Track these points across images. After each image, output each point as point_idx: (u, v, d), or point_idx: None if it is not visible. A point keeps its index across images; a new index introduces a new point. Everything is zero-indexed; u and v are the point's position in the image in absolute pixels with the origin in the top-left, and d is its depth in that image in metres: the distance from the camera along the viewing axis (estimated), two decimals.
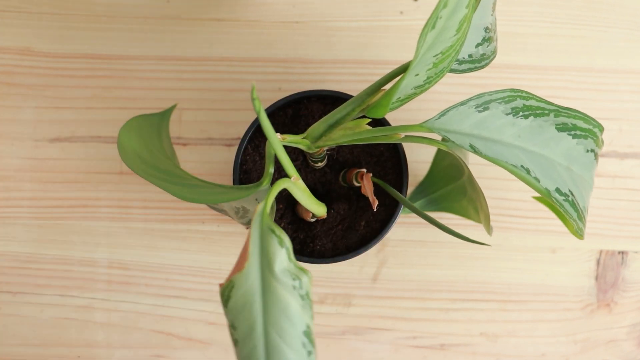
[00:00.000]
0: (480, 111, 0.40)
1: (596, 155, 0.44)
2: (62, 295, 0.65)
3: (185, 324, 0.65)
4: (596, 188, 0.65)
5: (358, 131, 0.44)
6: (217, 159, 0.66)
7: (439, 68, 0.39)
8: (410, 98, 0.41)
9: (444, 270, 0.66)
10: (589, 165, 0.43)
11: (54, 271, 0.65)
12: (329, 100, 0.55)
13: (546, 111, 0.42)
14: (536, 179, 0.40)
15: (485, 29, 0.47)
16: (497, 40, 0.50)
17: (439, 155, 0.60)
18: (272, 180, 0.47)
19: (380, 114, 0.41)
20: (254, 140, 0.55)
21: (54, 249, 0.66)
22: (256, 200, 0.44)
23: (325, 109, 0.55)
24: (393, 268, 0.66)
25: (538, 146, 0.41)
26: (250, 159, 0.55)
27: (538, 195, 0.59)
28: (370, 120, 0.45)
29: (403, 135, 0.42)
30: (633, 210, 0.66)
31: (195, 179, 0.43)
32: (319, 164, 0.54)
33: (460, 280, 0.65)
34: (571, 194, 0.41)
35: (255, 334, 0.37)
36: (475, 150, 0.40)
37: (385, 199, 0.55)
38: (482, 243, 0.39)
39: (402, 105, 0.41)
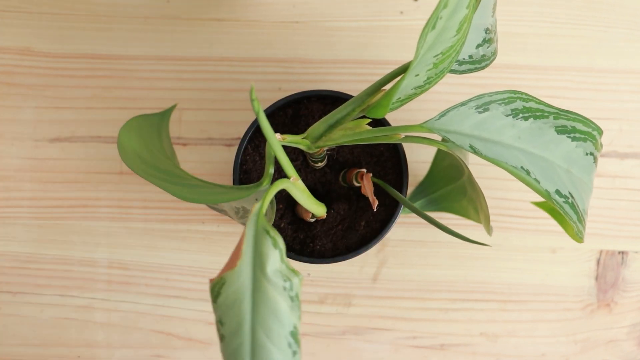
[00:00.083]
0: (480, 112, 0.40)
1: (595, 159, 0.44)
2: (62, 295, 0.65)
3: (185, 324, 0.65)
4: (596, 188, 0.65)
5: (358, 131, 0.44)
6: (217, 159, 0.66)
7: (439, 68, 0.39)
8: (410, 98, 0.41)
9: (443, 270, 0.66)
10: (589, 168, 0.43)
11: (54, 271, 0.65)
12: (329, 100, 0.55)
13: (546, 113, 0.42)
14: (536, 180, 0.40)
15: (486, 30, 0.47)
16: (498, 41, 0.50)
17: (439, 156, 0.60)
18: (272, 180, 0.47)
19: (381, 114, 0.41)
20: (254, 140, 0.55)
21: (54, 249, 0.66)
22: (256, 200, 0.44)
23: (325, 109, 0.55)
24: (393, 268, 0.66)
25: (538, 148, 0.41)
26: (250, 159, 0.55)
27: (537, 200, 0.59)
28: (370, 120, 0.45)
29: (403, 136, 0.42)
30: (633, 210, 0.66)
31: (195, 179, 0.43)
32: (319, 164, 0.54)
33: (460, 280, 0.65)
34: (571, 196, 0.41)
35: (243, 331, 0.38)
36: (476, 151, 0.40)
37: (385, 199, 0.55)
38: (482, 243, 0.39)
39: (402, 105, 0.41)
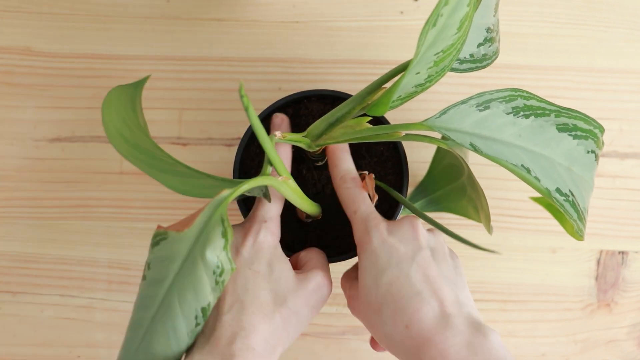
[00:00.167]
0: (481, 110, 0.40)
1: (597, 157, 0.44)
2: (62, 295, 0.65)
3: None
4: (597, 188, 0.65)
5: (359, 129, 0.44)
6: (217, 159, 0.66)
7: (440, 66, 0.39)
8: (410, 96, 0.41)
9: None
10: (590, 166, 0.43)
11: (54, 271, 0.65)
12: (328, 99, 0.55)
13: (547, 111, 0.42)
14: (537, 178, 0.40)
15: (488, 29, 0.47)
16: (500, 41, 0.50)
17: (438, 155, 0.60)
18: None
19: (381, 112, 0.40)
20: (254, 140, 0.55)
21: (54, 249, 0.65)
22: (248, 193, 0.44)
23: (325, 108, 0.55)
24: None
25: (539, 146, 0.41)
26: (250, 159, 0.55)
27: (536, 196, 0.59)
28: (370, 118, 0.45)
29: (404, 134, 0.42)
30: (633, 210, 0.66)
31: (179, 164, 0.44)
32: (319, 163, 0.54)
33: None
34: (571, 194, 0.41)
35: (161, 286, 0.40)
36: (476, 149, 0.40)
37: (385, 199, 0.55)
38: (491, 250, 0.39)
39: (403, 103, 0.41)
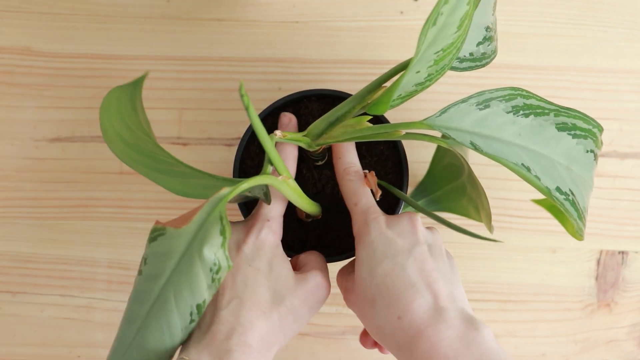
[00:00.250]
0: (481, 109, 0.40)
1: (596, 156, 0.44)
2: (62, 295, 0.65)
3: None
4: (596, 188, 0.65)
5: (359, 128, 0.44)
6: (217, 159, 0.66)
7: (440, 65, 0.40)
8: (411, 95, 0.41)
9: None
10: (589, 165, 0.43)
11: (54, 271, 0.65)
12: (328, 99, 0.55)
13: (546, 110, 0.42)
14: (537, 177, 0.40)
15: (486, 28, 0.47)
16: (498, 40, 0.50)
17: (438, 155, 0.60)
18: None
19: (381, 111, 0.40)
20: (254, 140, 0.55)
21: (54, 248, 0.65)
22: (249, 193, 0.44)
23: (325, 108, 0.55)
24: None
25: (538, 145, 0.41)
26: (250, 159, 0.55)
27: (537, 197, 0.59)
28: (370, 117, 0.45)
29: (404, 133, 0.42)
30: (633, 210, 0.66)
31: (180, 164, 0.43)
32: (319, 163, 0.54)
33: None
34: (571, 193, 0.41)
35: (157, 282, 0.41)
36: (476, 148, 0.40)
37: (384, 198, 0.55)
38: (494, 240, 0.39)
39: (403, 102, 0.41)
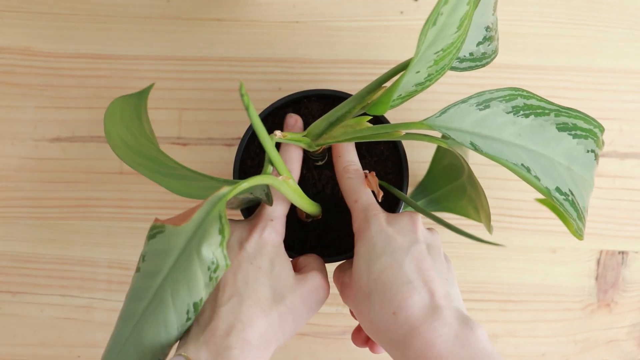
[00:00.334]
0: (481, 109, 0.40)
1: (596, 156, 0.44)
2: (62, 295, 0.65)
3: None
4: (597, 188, 0.65)
5: (359, 129, 0.44)
6: (217, 159, 0.66)
7: (440, 65, 0.39)
8: (411, 95, 0.41)
9: None
10: (589, 165, 0.43)
11: (54, 271, 0.65)
12: (328, 99, 0.55)
13: (547, 110, 0.42)
14: (536, 177, 0.40)
15: (487, 28, 0.47)
16: (498, 40, 0.50)
17: (437, 155, 0.60)
18: None
19: (381, 111, 0.41)
20: (254, 140, 0.55)
21: (54, 248, 0.65)
22: (251, 194, 0.44)
23: (325, 108, 0.55)
24: None
25: (539, 145, 0.41)
26: (250, 159, 0.55)
27: (540, 197, 0.59)
28: (370, 117, 0.45)
29: (404, 133, 0.42)
30: (633, 210, 0.66)
31: (182, 167, 0.44)
32: (319, 163, 0.54)
33: (460, 280, 0.65)
34: (571, 193, 0.41)
35: (155, 279, 0.41)
36: (476, 148, 0.40)
37: (385, 198, 0.55)
38: (495, 243, 0.39)
39: (403, 102, 0.41)
